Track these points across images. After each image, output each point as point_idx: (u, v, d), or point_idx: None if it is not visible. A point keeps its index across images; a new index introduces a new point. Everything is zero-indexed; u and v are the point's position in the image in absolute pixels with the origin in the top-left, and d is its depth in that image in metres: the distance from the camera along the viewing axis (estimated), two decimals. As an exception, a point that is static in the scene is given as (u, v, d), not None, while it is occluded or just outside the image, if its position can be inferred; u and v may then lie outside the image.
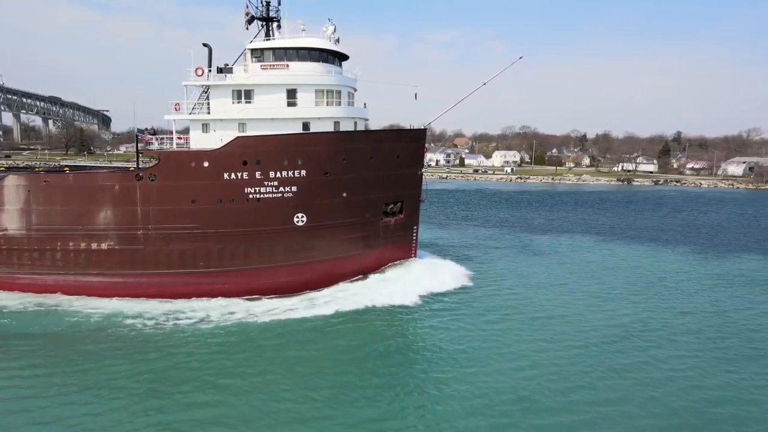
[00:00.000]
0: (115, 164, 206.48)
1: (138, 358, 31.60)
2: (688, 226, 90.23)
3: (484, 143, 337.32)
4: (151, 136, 48.61)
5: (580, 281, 50.77)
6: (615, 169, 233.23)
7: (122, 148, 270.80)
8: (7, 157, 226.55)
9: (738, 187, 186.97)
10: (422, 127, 52.08)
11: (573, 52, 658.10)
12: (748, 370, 31.06)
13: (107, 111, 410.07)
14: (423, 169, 51.20)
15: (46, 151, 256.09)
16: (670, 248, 68.91)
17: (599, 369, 30.72)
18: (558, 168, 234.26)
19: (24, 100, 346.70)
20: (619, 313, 41.03)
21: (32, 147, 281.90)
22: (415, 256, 52.58)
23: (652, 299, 45.22)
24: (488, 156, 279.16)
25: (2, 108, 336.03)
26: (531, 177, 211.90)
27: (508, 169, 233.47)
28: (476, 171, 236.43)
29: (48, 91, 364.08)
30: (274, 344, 34.12)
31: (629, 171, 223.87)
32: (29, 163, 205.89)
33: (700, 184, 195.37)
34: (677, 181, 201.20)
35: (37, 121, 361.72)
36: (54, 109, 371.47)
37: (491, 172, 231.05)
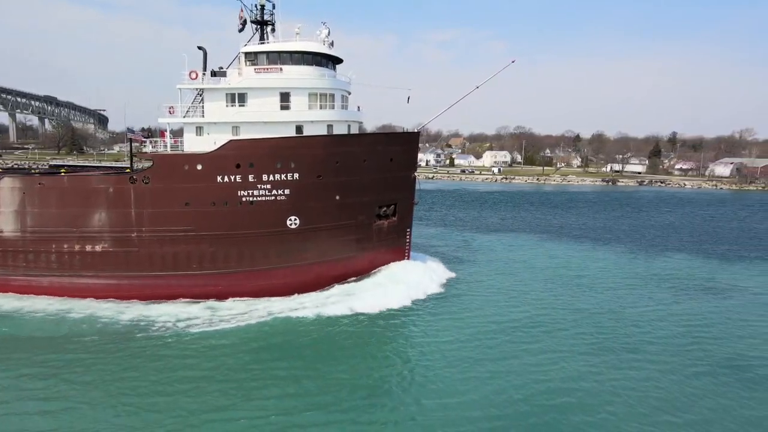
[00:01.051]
0: (104, 164, 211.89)
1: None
2: (638, 226, 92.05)
3: (478, 143, 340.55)
4: (144, 138, 49.40)
5: (500, 280, 52.45)
6: (605, 169, 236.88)
7: (116, 148, 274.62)
8: None
9: (721, 188, 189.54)
10: (415, 130, 53.04)
11: (573, 52, 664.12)
12: (616, 369, 32.26)
13: (104, 110, 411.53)
14: (416, 172, 52.05)
15: (36, 151, 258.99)
16: (607, 248, 70.65)
17: (468, 373, 31.63)
18: (545, 168, 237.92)
19: (18, 99, 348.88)
20: (521, 314, 42.10)
21: (25, 146, 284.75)
22: (408, 259, 53.47)
23: (559, 298, 46.95)
24: (479, 156, 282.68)
25: None
26: (516, 177, 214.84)
27: (495, 170, 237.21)
28: (463, 171, 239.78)
29: (48, 90, 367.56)
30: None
31: (617, 171, 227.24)
32: (18, 162, 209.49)
33: (684, 184, 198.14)
34: (662, 182, 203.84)
35: (34, 120, 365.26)
36: (49, 108, 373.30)
37: (478, 172, 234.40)
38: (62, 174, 45.34)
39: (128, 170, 47.10)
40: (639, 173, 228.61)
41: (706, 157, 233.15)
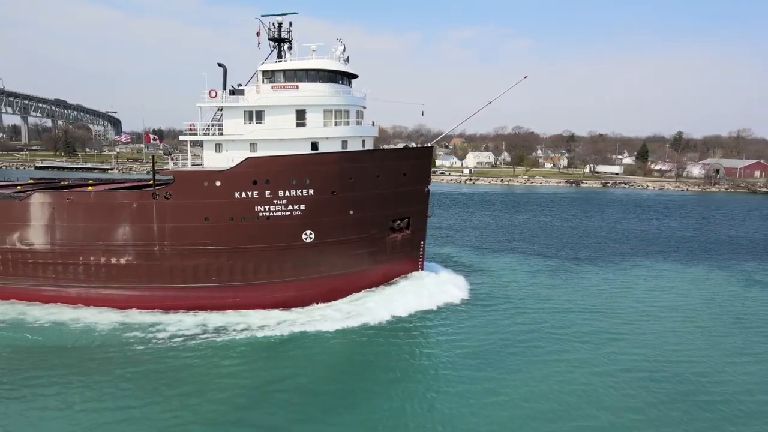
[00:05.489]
0: (88, 165, 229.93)
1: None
2: (539, 227, 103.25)
3: (474, 143, 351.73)
4: (129, 140, 54.57)
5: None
6: (586, 170, 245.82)
7: (117, 149, 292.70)
8: None
9: (684, 190, 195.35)
10: (429, 145, 57.43)
11: (592, 51, 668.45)
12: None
13: (115, 112, 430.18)
14: (429, 186, 56.34)
15: (26, 152, 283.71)
16: (490, 246, 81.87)
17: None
18: (516, 169, 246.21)
19: (27, 102, 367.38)
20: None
21: (26, 148, 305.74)
22: (421, 270, 57.74)
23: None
24: (461, 157, 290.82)
25: (4, 110, 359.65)
26: (481, 178, 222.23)
27: (466, 171, 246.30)
28: (433, 173, 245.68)
29: (66, 92, 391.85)
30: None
31: (597, 172, 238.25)
32: (6, 164, 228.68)
33: (647, 186, 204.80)
34: (626, 183, 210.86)
35: (50, 123, 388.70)
36: (58, 111, 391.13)
37: (447, 173, 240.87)
38: (89, 189, 50.68)
39: (152, 182, 52.26)
40: (616, 174, 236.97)
41: (692, 157, 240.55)
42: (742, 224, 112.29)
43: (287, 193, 47.47)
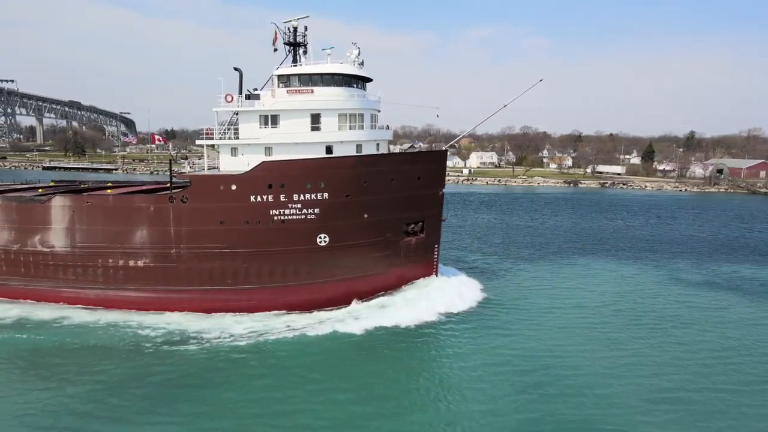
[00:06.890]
0: (94, 165, 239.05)
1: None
2: (499, 226, 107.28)
3: (484, 143, 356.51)
4: (135, 140, 56.11)
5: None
6: (587, 170, 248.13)
7: (127, 149, 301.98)
8: (2, 158, 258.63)
9: (683, 190, 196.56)
10: (444, 148, 58.32)
11: (601, 51, 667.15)
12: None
13: (128, 113, 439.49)
14: (443, 189, 57.23)
15: (36, 153, 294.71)
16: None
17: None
18: (515, 169, 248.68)
19: (41, 103, 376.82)
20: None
21: (44, 149, 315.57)
22: (436, 274, 58.61)
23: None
24: (465, 157, 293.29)
25: (18, 111, 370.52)
26: (480, 179, 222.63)
27: (466, 171, 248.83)
28: None
29: (79, 93, 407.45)
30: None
31: (599, 173, 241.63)
32: (16, 165, 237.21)
33: (645, 186, 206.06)
34: (624, 184, 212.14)
35: (63, 123, 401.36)
36: (71, 111, 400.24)
37: (446, 173, 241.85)
38: (108, 193, 52.29)
39: (169, 184, 53.72)
40: (618, 174, 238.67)
41: (699, 157, 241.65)
42: (707, 224, 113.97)
43: (302, 197, 48.62)
